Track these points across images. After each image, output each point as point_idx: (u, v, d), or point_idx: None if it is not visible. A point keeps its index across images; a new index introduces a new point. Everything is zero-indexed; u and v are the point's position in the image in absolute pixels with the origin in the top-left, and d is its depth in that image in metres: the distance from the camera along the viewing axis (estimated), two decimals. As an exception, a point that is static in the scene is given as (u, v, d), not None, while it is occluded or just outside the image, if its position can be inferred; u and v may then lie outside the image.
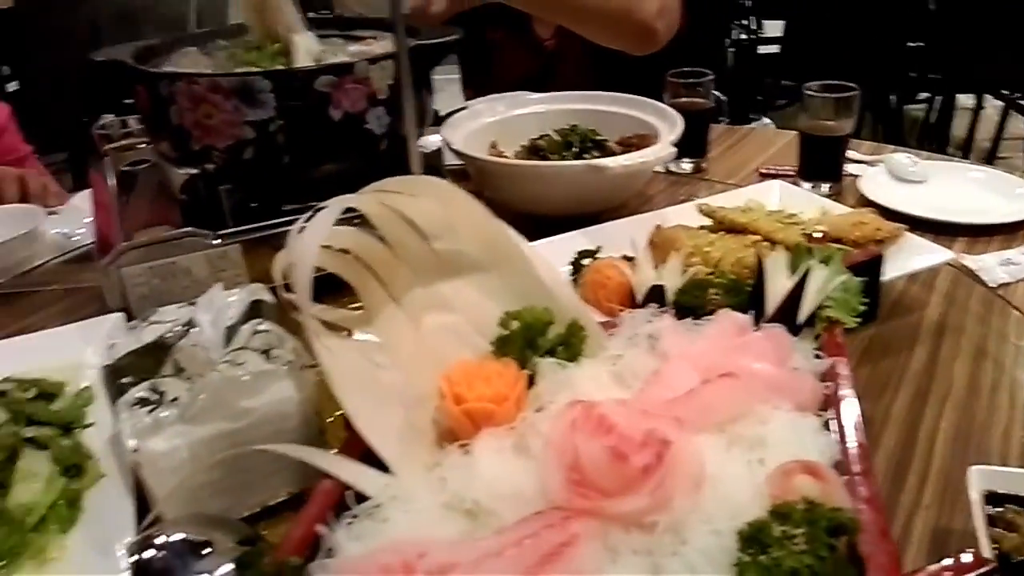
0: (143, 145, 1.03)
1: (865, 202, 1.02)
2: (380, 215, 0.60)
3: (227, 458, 0.51)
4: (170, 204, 0.84)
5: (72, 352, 0.71)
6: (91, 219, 1.03)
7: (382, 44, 0.89)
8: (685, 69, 1.15)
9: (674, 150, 0.90)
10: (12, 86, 3.45)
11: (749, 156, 1.23)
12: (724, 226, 0.83)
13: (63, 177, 2.12)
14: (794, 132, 1.31)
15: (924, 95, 2.98)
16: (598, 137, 1.00)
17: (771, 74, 2.72)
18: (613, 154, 0.98)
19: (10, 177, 1.07)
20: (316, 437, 0.57)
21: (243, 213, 0.80)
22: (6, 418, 0.60)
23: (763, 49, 3.02)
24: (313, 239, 0.51)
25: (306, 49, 0.81)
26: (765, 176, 1.14)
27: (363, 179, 0.79)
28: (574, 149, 0.98)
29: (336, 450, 0.50)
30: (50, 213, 1.07)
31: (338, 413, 0.58)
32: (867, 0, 2.57)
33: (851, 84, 1.06)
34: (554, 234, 0.86)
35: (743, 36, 3.00)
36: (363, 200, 0.58)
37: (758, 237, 0.79)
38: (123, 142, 1.06)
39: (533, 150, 1.00)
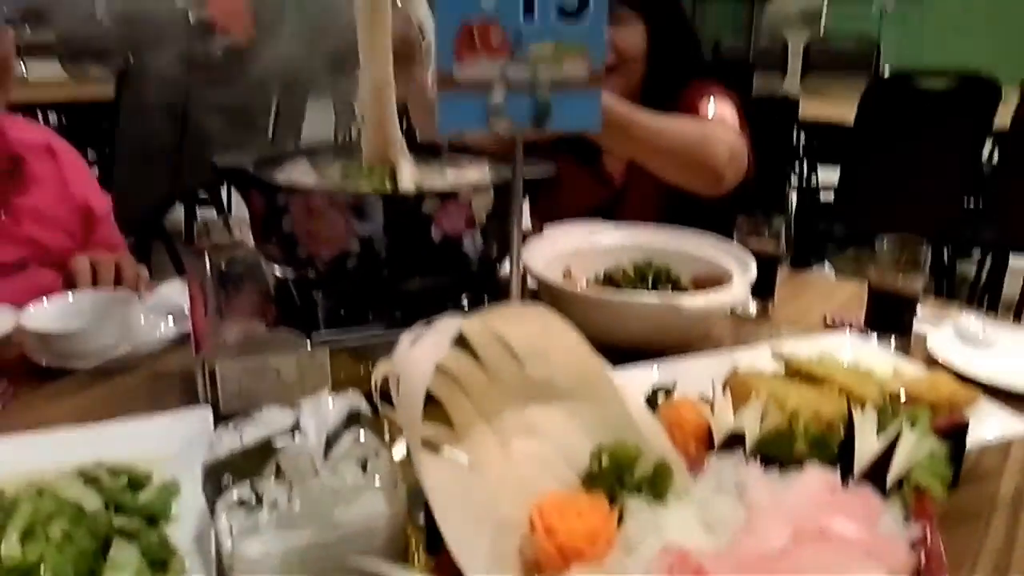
0: (241, 243, 1.09)
1: (934, 362, 1.02)
2: (478, 335, 0.62)
3: (317, 571, 0.52)
4: (263, 302, 0.88)
5: (158, 443, 0.73)
6: (181, 309, 1.08)
7: (478, 169, 0.95)
8: (756, 213, 1.19)
9: (749, 295, 0.92)
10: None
11: (813, 303, 1.25)
12: (799, 374, 0.84)
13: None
14: (855, 283, 1.34)
15: (977, 253, 3.01)
16: (672, 275, 1.03)
17: (826, 220, 2.77)
18: (686, 290, 1.01)
19: (107, 262, 1.13)
20: (401, 554, 0.57)
21: (333, 319, 0.83)
22: (99, 505, 0.61)
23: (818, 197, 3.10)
24: (428, 359, 0.54)
25: (409, 172, 0.86)
26: (831, 326, 1.16)
27: (450, 296, 0.83)
28: (648, 284, 1.01)
29: (422, 570, 0.51)
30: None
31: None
32: (922, 152, 2.64)
33: (918, 237, 1.08)
34: (622, 363, 0.88)
35: (799, 182, 3.07)
36: (467, 321, 0.61)
37: (833, 389, 0.80)
38: (222, 240, 1.13)
39: (608, 281, 1.03)
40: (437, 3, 0.57)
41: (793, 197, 2.58)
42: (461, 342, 0.63)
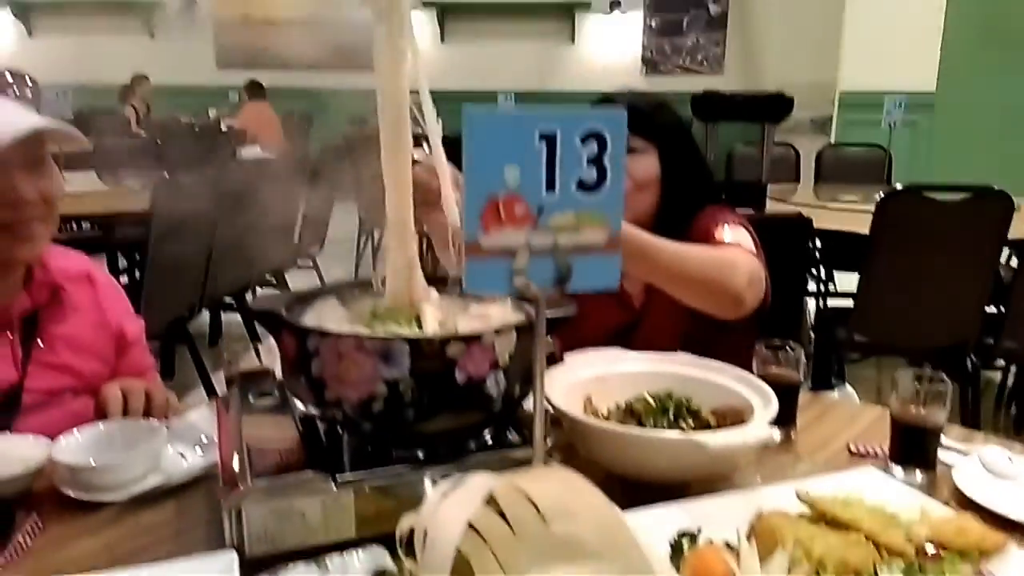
0: (270, 373, 1.12)
1: (960, 497, 1.01)
2: (505, 492, 0.63)
3: None
4: (291, 438, 0.90)
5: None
6: (209, 438, 1.10)
7: (500, 308, 0.98)
8: (775, 342, 1.21)
9: (771, 432, 0.93)
10: (123, 277, 3.77)
11: (836, 430, 1.24)
12: (824, 518, 0.83)
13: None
14: (879, 408, 1.33)
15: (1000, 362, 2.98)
16: (693, 407, 1.03)
17: (844, 327, 2.77)
18: (707, 424, 1.02)
19: (137, 391, 1.15)
20: None
21: (358, 458, 0.84)
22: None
23: (834, 302, 3.12)
24: (458, 519, 0.55)
25: (433, 315, 0.89)
26: (855, 455, 1.15)
27: (472, 433, 0.84)
28: (670, 416, 1.01)
29: None
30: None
31: None
32: (939, 261, 2.65)
33: (942, 375, 1.09)
34: (644, 497, 0.89)
35: (816, 288, 3.09)
36: (496, 479, 0.62)
37: (860, 535, 0.79)
38: (250, 367, 1.16)
39: (629, 412, 1.04)
40: (465, 179, 0.61)
41: (811, 305, 2.59)
42: (487, 497, 0.64)
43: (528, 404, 0.91)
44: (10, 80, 1.05)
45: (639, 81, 8.16)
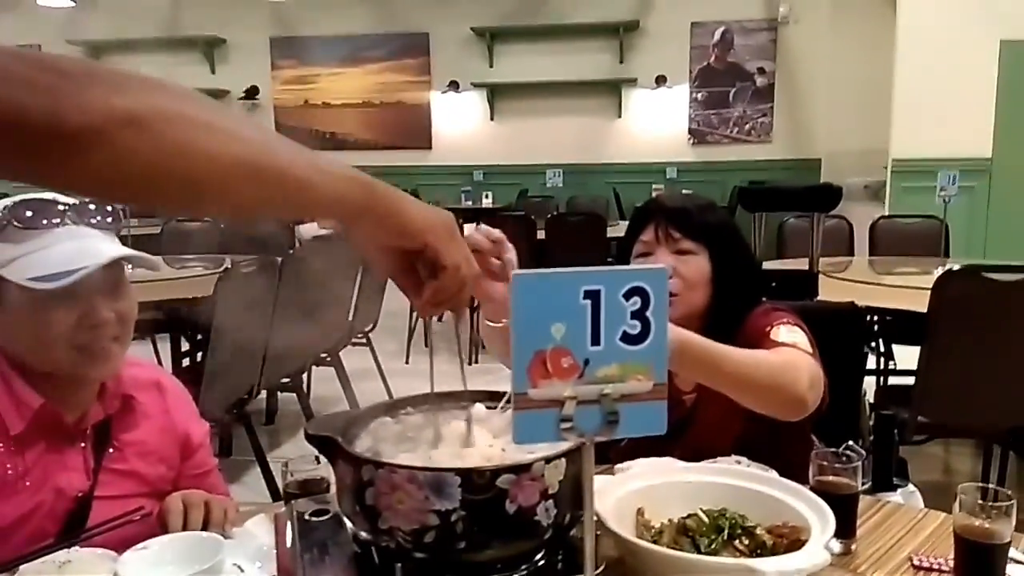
0: (325, 484, 1.15)
1: (1034, 621, 0.97)
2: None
3: None
4: (346, 565, 0.91)
5: None
6: (267, 551, 1.13)
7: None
8: (833, 450, 1.19)
9: (828, 556, 0.91)
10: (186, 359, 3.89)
11: (899, 539, 1.20)
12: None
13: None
14: (942, 514, 1.29)
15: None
16: (748, 524, 1.02)
17: (905, 407, 2.70)
18: (762, 543, 1.00)
19: (198, 503, 1.19)
20: None
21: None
22: None
23: (896, 380, 3.04)
24: None
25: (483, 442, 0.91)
26: (919, 569, 1.11)
27: (523, 560, 0.85)
28: (724, 536, 1.00)
29: None
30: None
31: None
32: (999, 341, 2.57)
33: (1007, 491, 1.06)
34: None
35: (876, 365, 3.02)
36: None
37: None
38: (306, 478, 1.18)
39: (682, 530, 1.03)
40: (513, 336, 0.64)
41: (870, 395, 2.53)
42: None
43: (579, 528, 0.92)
44: (92, 208, 1.13)
45: (687, 151, 8.24)
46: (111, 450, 1.27)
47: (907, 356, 3.39)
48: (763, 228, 2.98)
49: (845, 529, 1.16)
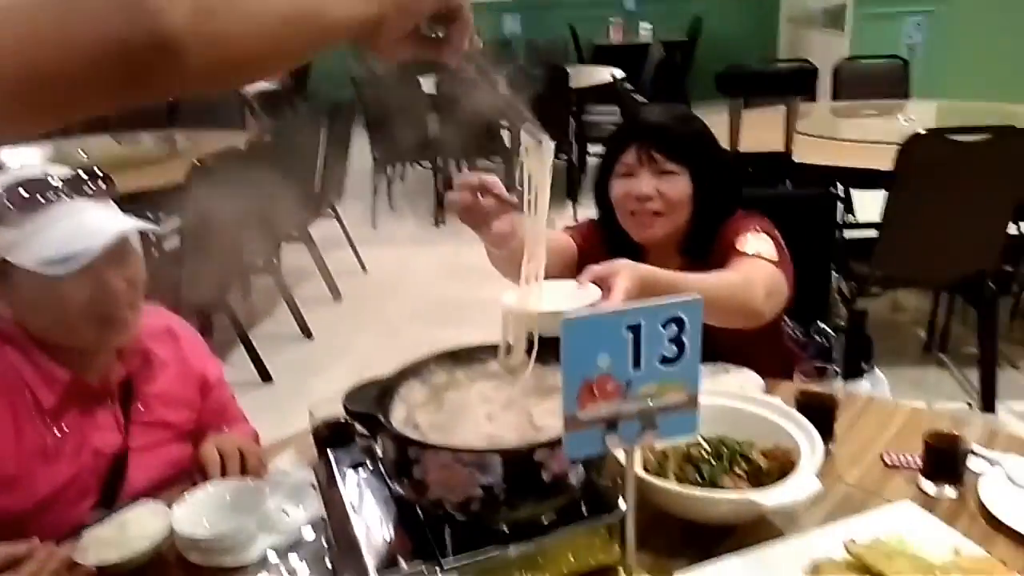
0: (353, 437, 1.23)
1: (987, 514, 1.13)
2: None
3: None
4: (395, 527, 1.00)
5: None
6: (303, 489, 1.22)
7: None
8: (816, 364, 1.30)
9: (820, 486, 1.03)
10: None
11: (871, 437, 1.35)
12: (870, 572, 0.95)
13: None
14: (908, 409, 1.44)
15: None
16: (745, 451, 1.14)
17: (864, 259, 2.86)
18: (758, 468, 1.13)
19: (233, 453, 1.26)
20: None
21: (456, 542, 0.96)
22: None
23: (852, 233, 3.18)
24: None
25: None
26: (890, 467, 1.26)
27: (560, 520, 0.96)
28: (724, 463, 1.12)
29: None
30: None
31: None
32: (964, 197, 2.69)
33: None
34: (703, 533, 1.03)
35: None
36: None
37: (904, 590, 0.91)
38: (332, 420, 1.26)
39: (686, 458, 1.15)
40: (563, 370, 0.69)
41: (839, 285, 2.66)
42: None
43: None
44: (85, 177, 1.09)
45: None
46: (137, 404, 1.32)
47: (866, 204, 3.52)
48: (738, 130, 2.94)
49: (826, 434, 1.30)
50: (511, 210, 1.20)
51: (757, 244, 1.49)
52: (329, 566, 1.06)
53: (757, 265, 1.44)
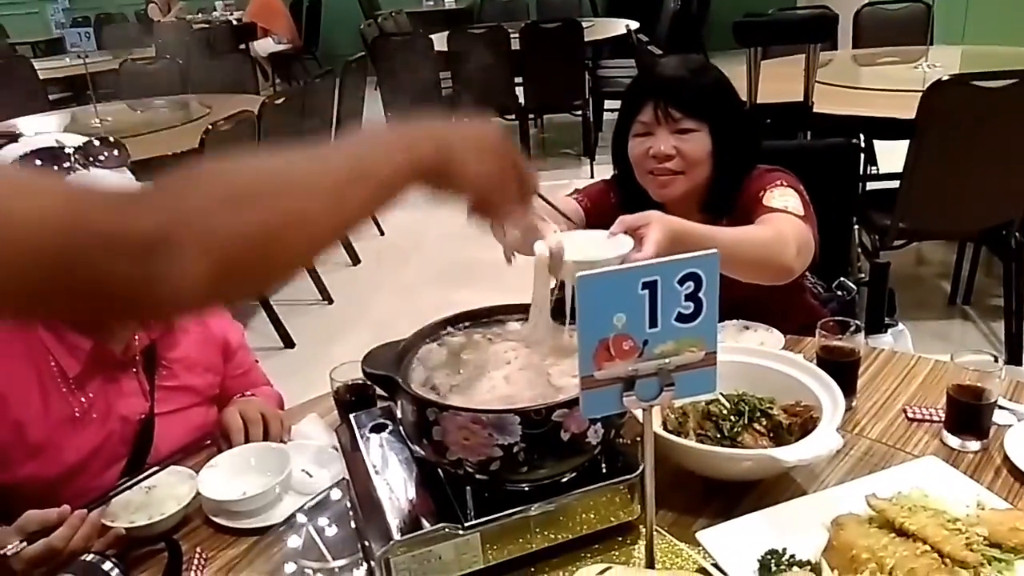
0: (374, 400, 1.24)
1: (1012, 467, 1.12)
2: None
3: None
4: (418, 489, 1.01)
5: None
6: (325, 452, 1.24)
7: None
8: (838, 319, 1.29)
9: (841, 440, 1.03)
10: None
11: (893, 390, 1.34)
12: (891, 526, 0.95)
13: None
14: (931, 360, 1.42)
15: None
16: (765, 406, 1.13)
17: (886, 211, 2.81)
18: (779, 424, 1.12)
19: (255, 418, 1.28)
20: None
21: (477, 501, 0.97)
22: None
23: (875, 185, 3.12)
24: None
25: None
26: (912, 421, 1.25)
27: (579, 479, 0.96)
28: (744, 419, 1.12)
29: None
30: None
31: None
32: (987, 145, 2.63)
33: (994, 354, 1.16)
34: (725, 491, 1.03)
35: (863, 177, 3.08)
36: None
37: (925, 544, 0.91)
38: (354, 383, 1.27)
39: (706, 415, 1.14)
40: (579, 328, 0.68)
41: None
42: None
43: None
44: (97, 144, 1.09)
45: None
46: (161, 370, 1.34)
47: (888, 155, 3.45)
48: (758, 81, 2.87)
49: (848, 391, 1.29)
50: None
51: (784, 199, 1.46)
52: (353, 526, 1.07)
53: (786, 220, 1.41)
